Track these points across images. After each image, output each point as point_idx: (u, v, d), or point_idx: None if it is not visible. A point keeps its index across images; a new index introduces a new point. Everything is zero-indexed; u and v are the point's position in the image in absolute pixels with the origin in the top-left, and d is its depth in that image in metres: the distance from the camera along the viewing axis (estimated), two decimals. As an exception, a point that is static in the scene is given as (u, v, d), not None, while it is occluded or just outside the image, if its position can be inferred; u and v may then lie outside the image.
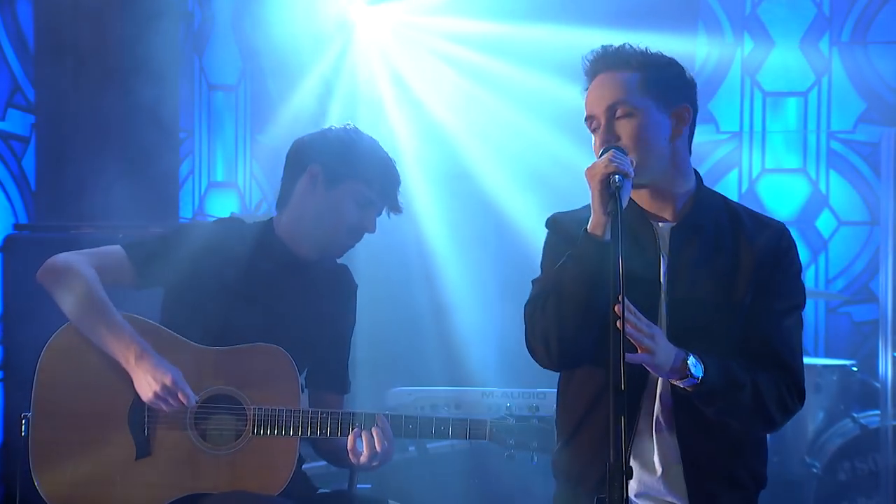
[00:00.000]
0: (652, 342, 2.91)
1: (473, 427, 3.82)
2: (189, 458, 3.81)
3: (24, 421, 3.83)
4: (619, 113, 3.10)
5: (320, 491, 4.12)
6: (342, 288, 4.11)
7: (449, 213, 6.92)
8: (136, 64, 5.92)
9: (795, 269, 3.23)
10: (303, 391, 3.86)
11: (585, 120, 3.17)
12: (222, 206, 6.88)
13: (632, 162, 3.00)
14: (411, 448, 5.78)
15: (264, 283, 3.95)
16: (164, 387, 3.70)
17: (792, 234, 3.26)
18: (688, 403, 3.05)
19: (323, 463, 5.15)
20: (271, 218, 4.06)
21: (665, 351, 2.94)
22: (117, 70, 5.90)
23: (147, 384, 3.72)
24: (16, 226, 5.97)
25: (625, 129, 3.08)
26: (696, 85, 3.24)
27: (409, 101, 7.02)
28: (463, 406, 5.33)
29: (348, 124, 4.06)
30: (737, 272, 3.12)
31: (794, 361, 3.17)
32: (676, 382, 2.99)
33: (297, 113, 6.64)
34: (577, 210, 3.22)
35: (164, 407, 3.72)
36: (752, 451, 3.18)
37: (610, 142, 3.07)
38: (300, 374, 3.99)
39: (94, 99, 5.89)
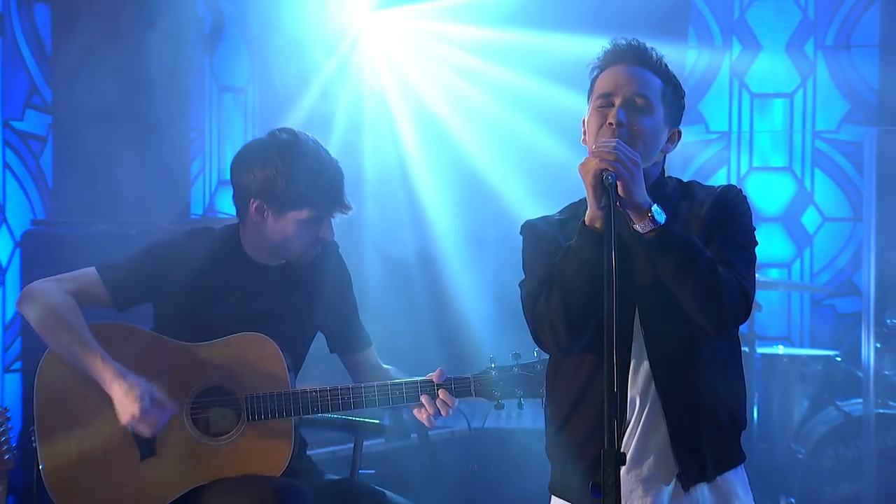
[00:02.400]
0: (636, 169, 2.91)
1: (458, 385, 3.80)
2: (191, 452, 3.81)
3: (32, 435, 3.83)
4: (640, 103, 3.10)
5: (326, 477, 4.10)
6: (323, 258, 4.03)
7: (453, 212, 6.90)
8: (149, 67, 5.91)
9: (741, 216, 3.15)
10: (290, 371, 3.84)
11: (600, 96, 3.13)
12: (231, 202, 6.86)
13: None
14: (413, 435, 5.77)
15: (241, 287, 3.93)
16: (133, 417, 3.70)
17: (736, 189, 3.19)
18: (668, 366, 3.06)
19: (328, 449, 5.15)
20: (238, 226, 4.00)
21: (642, 184, 2.94)
22: (130, 72, 5.89)
23: (121, 410, 3.72)
24: (34, 221, 5.98)
25: (640, 121, 3.08)
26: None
27: (410, 101, 7.00)
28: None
29: (283, 132, 3.92)
30: (691, 230, 3.09)
31: (746, 281, 3.06)
32: (637, 226, 2.97)
33: (303, 113, 6.63)
34: (546, 216, 3.27)
35: (143, 431, 3.72)
36: (728, 393, 3.14)
37: (623, 123, 3.05)
38: (301, 355, 4.02)
39: (108, 100, 5.88)
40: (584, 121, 3.19)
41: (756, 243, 3.18)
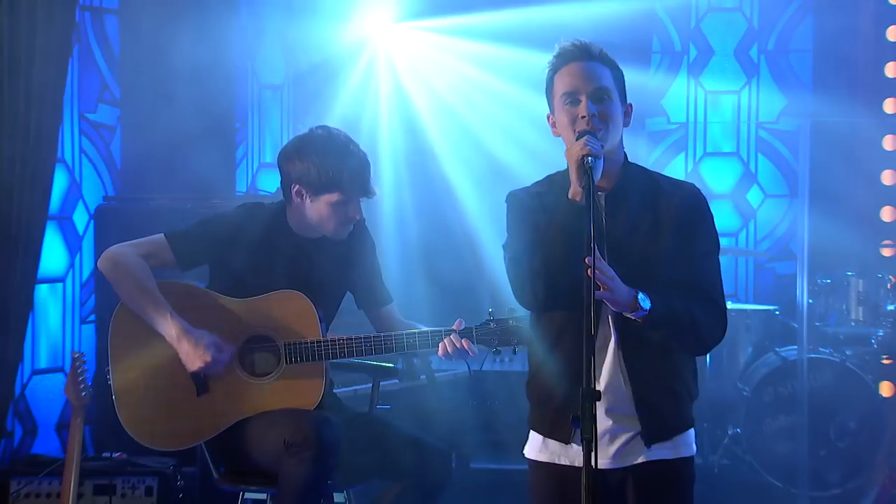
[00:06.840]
0: (612, 283, 2.92)
1: (462, 335, 3.79)
2: (239, 389, 3.83)
3: (107, 374, 3.85)
4: (602, 94, 3.06)
5: (350, 411, 4.12)
6: (353, 230, 4.03)
7: (460, 194, 6.87)
8: (200, 67, 5.91)
9: (708, 219, 3.15)
10: (321, 322, 3.84)
11: (565, 94, 3.08)
12: (270, 182, 6.86)
13: (602, 146, 2.99)
14: (422, 377, 5.78)
15: (285, 255, 3.95)
16: (205, 363, 3.74)
17: (701, 191, 3.17)
18: (632, 335, 3.03)
19: (351, 388, 5.17)
20: (284, 204, 4.01)
21: (621, 290, 2.94)
22: (185, 71, 5.89)
23: (191, 360, 3.74)
24: (105, 197, 6.00)
25: (605, 108, 3.06)
26: None
27: (419, 99, 6.98)
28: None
29: (319, 129, 3.96)
30: (660, 225, 3.07)
31: (717, 294, 3.11)
32: (629, 315, 2.98)
33: (331, 108, 6.62)
34: (526, 187, 3.21)
35: (213, 374, 3.78)
36: (684, 369, 3.13)
37: (594, 114, 3.03)
38: (332, 311, 4.03)
39: (166, 95, 5.89)
40: (548, 116, 3.16)
41: (719, 244, 3.17)
